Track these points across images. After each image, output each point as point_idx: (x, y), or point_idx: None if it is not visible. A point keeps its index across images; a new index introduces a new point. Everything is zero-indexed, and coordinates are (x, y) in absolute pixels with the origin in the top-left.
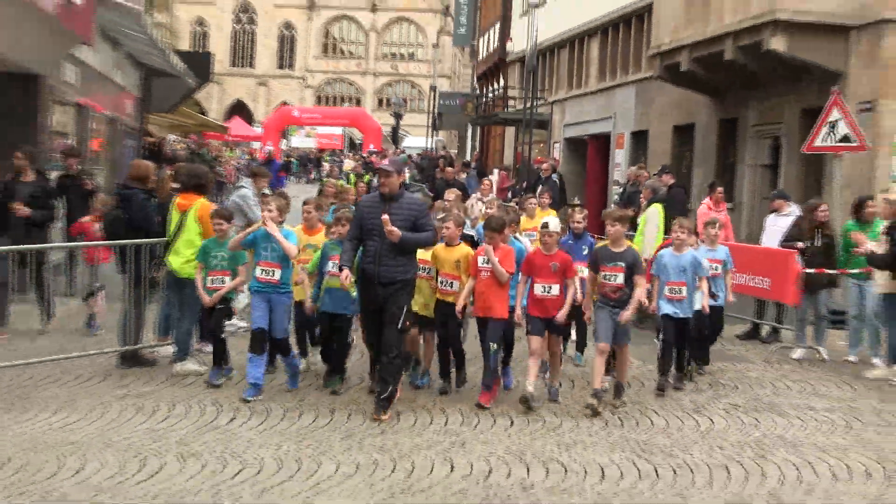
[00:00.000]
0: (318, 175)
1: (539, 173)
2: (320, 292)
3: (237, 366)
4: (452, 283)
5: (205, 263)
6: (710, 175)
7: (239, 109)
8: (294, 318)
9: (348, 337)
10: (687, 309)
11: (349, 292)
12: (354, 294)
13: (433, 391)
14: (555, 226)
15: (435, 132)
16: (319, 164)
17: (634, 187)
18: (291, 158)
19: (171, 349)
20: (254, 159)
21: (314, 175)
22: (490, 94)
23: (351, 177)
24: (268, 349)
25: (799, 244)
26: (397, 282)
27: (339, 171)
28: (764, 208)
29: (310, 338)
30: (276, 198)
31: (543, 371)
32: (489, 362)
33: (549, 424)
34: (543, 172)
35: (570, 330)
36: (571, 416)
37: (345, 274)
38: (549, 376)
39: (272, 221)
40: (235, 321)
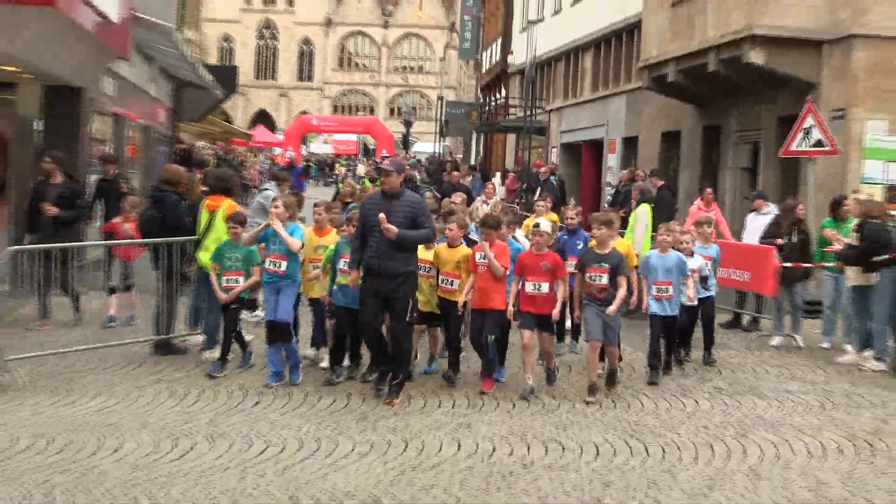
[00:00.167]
0: (335, 178)
1: (538, 176)
2: (334, 286)
3: (257, 353)
4: (453, 282)
5: (220, 264)
6: (696, 178)
7: (262, 118)
8: (312, 313)
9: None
10: (674, 306)
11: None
12: None
13: (439, 377)
14: (545, 226)
15: (442, 139)
16: (333, 168)
17: (627, 188)
18: (310, 163)
19: (201, 338)
20: (275, 164)
21: (331, 178)
22: (493, 104)
23: (365, 181)
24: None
25: (777, 241)
26: (400, 274)
27: (353, 175)
28: (744, 208)
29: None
30: (285, 196)
31: (540, 362)
32: (488, 353)
33: (548, 407)
34: (542, 175)
35: (563, 330)
36: (568, 399)
37: (353, 277)
38: (545, 363)
39: (277, 218)
40: (259, 312)
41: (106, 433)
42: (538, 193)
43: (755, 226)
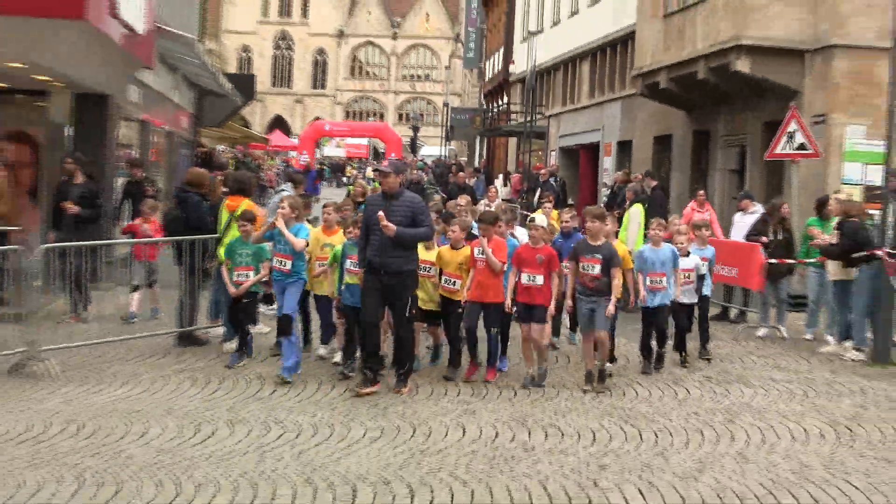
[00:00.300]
0: (347, 180)
1: (538, 177)
2: (342, 286)
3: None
4: (455, 282)
5: (231, 260)
6: (687, 179)
7: (278, 123)
8: (317, 311)
9: None
10: (665, 298)
11: None
12: None
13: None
14: (540, 221)
15: (447, 143)
16: (343, 171)
17: (622, 189)
18: (324, 166)
19: (221, 330)
20: (289, 166)
21: (344, 180)
22: (495, 110)
23: (375, 182)
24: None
25: (762, 238)
26: (402, 272)
27: (363, 176)
28: (732, 207)
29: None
30: (292, 197)
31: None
32: (490, 345)
33: (548, 395)
34: (542, 177)
35: (560, 324)
36: (567, 388)
37: (361, 276)
38: (536, 360)
39: (282, 218)
40: (275, 306)
41: (132, 419)
42: (538, 194)
43: (742, 224)
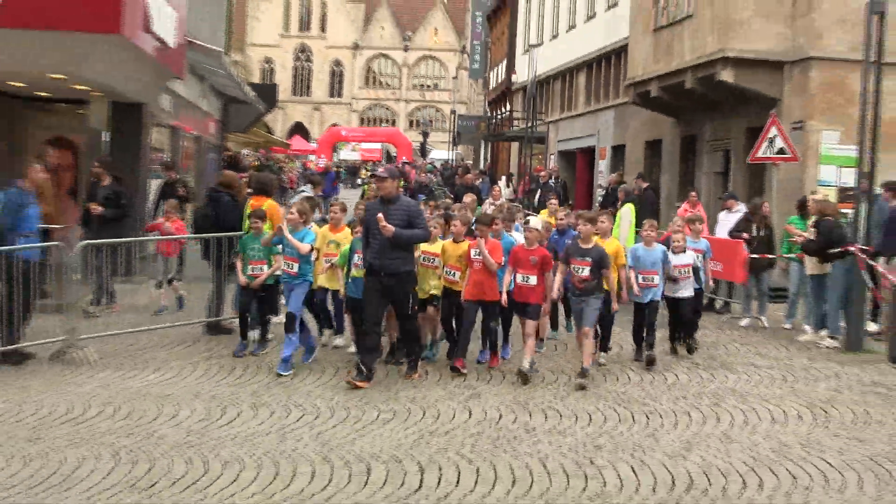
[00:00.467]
0: (362, 181)
1: (538, 179)
2: (348, 280)
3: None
4: (455, 273)
5: (244, 255)
6: (675, 181)
7: (298, 129)
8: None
9: None
10: (656, 294)
11: None
12: None
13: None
14: (535, 223)
15: (455, 147)
16: (357, 173)
17: (615, 190)
18: (340, 168)
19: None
20: (307, 169)
21: (358, 181)
22: (499, 116)
23: None
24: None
25: (745, 235)
26: (400, 273)
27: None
28: (717, 207)
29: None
30: (300, 203)
31: (539, 349)
32: (491, 337)
33: (548, 380)
34: (542, 179)
35: (557, 319)
36: (565, 374)
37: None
38: (524, 354)
39: (287, 223)
40: None
41: (164, 402)
42: (538, 194)
43: (727, 222)
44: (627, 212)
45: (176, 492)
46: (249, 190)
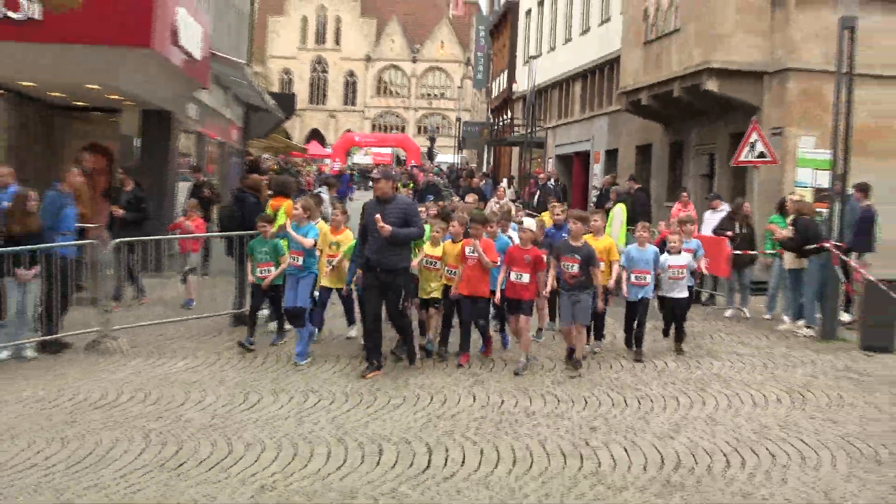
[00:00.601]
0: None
1: (537, 181)
2: (353, 278)
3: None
4: (454, 272)
5: (253, 257)
6: (665, 183)
7: (315, 135)
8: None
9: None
10: (647, 292)
11: None
12: None
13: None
14: (529, 224)
15: (460, 151)
16: (369, 177)
17: (608, 190)
18: (353, 172)
19: (266, 312)
20: (322, 172)
21: (370, 183)
22: (501, 123)
23: (398, 186)
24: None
25: (729, 232)
26: (397, 269)
27: None
28: (703, 207)
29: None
30: (306, 199)
31: (538, 339)
32: (482, 332)
33: (546, 367)
34: (541, 181)
35: (555, 312)
36: (562, 362)
37: (358, 276)
38: (522, 349)
39: (293, 219)
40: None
41: (191, 388)
42: (537, 196)
43: (712, 221)
44: (619, 211)
45: (202, 471)
46: (270, 192)
